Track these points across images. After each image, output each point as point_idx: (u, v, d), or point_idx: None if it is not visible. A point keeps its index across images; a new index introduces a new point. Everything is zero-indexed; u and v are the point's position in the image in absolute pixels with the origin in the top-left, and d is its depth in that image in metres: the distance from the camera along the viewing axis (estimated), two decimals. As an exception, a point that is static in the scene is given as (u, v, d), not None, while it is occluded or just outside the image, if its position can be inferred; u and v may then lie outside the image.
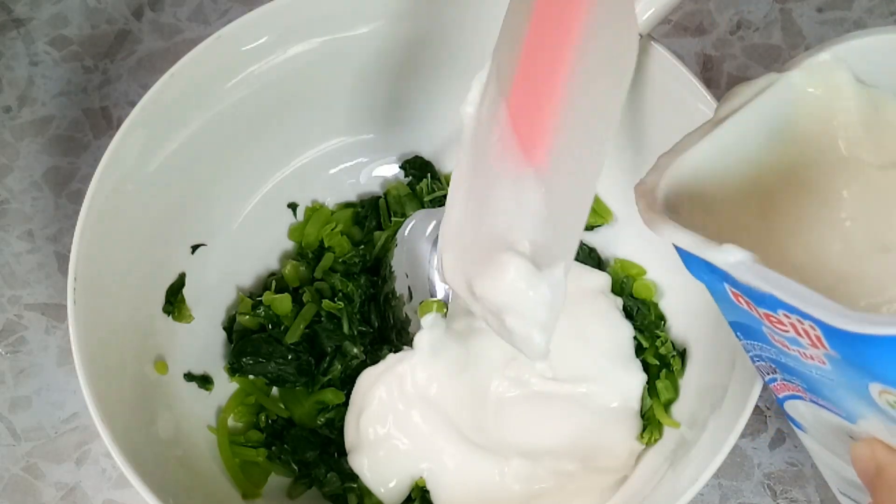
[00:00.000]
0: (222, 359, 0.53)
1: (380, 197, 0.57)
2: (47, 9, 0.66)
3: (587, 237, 0.54)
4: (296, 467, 0.51)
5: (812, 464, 0.51)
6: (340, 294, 0.53)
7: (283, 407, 0.53)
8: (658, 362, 0.50)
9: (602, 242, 0.54)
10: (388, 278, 0.53)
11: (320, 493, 0.51)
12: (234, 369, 0.52)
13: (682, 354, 0.50)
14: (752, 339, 0.34)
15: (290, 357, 0.52)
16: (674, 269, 0.35)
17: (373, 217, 0.56)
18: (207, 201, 0.52)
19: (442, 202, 0.55)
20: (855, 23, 0.62)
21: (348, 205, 0.57)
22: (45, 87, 0.64)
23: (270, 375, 0.52)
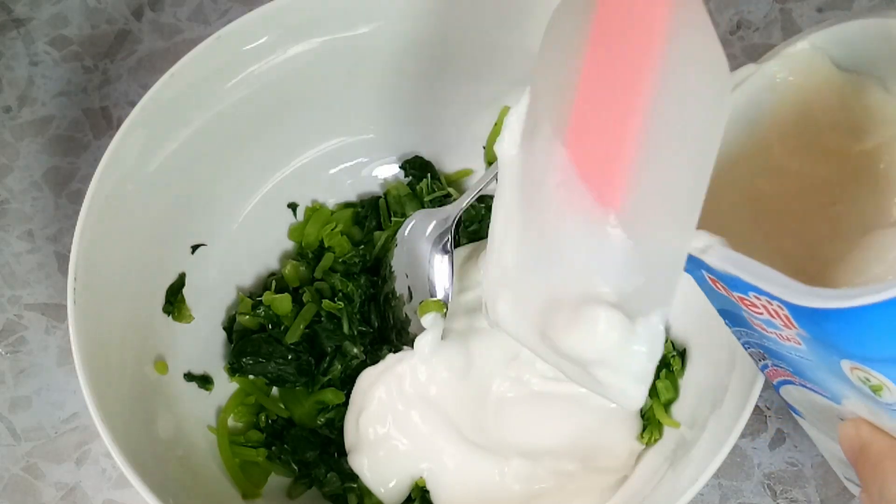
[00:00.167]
0: (222, 359, 0.53)
1: (380, 197, 0.57)
2: (47, 9, 0.66)
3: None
4: (296, 467, 0.51)
5: (812, 464, 0.51)
6: (340, 294, 0.53)
7: (283, 407, 0.53)
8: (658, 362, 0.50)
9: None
10: (388, 278, 0.53)
11: (320, 493, 0.51)
12: (234, 369, 0.52)
13: (682, 354, 0.50)
14: (738, 326, 0.34)
15: (290, 357, 0.52)
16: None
17: (373, 217, 0.56)
18: (207, 201, 0.52)
19: (442, 202, 0.55)
20: (855, 23, 0.62)
21: (348, 205, 0.57)
22: (45, 87, 0.63)
23: (270, 375, 0.52)
